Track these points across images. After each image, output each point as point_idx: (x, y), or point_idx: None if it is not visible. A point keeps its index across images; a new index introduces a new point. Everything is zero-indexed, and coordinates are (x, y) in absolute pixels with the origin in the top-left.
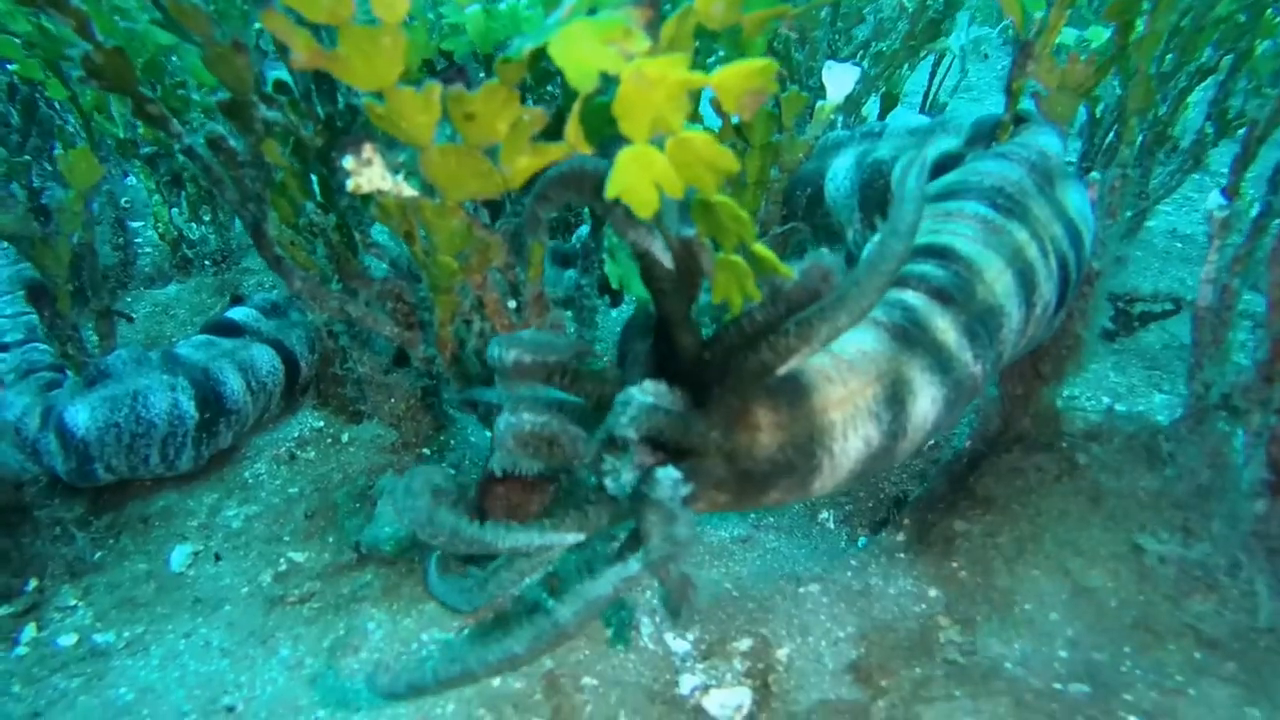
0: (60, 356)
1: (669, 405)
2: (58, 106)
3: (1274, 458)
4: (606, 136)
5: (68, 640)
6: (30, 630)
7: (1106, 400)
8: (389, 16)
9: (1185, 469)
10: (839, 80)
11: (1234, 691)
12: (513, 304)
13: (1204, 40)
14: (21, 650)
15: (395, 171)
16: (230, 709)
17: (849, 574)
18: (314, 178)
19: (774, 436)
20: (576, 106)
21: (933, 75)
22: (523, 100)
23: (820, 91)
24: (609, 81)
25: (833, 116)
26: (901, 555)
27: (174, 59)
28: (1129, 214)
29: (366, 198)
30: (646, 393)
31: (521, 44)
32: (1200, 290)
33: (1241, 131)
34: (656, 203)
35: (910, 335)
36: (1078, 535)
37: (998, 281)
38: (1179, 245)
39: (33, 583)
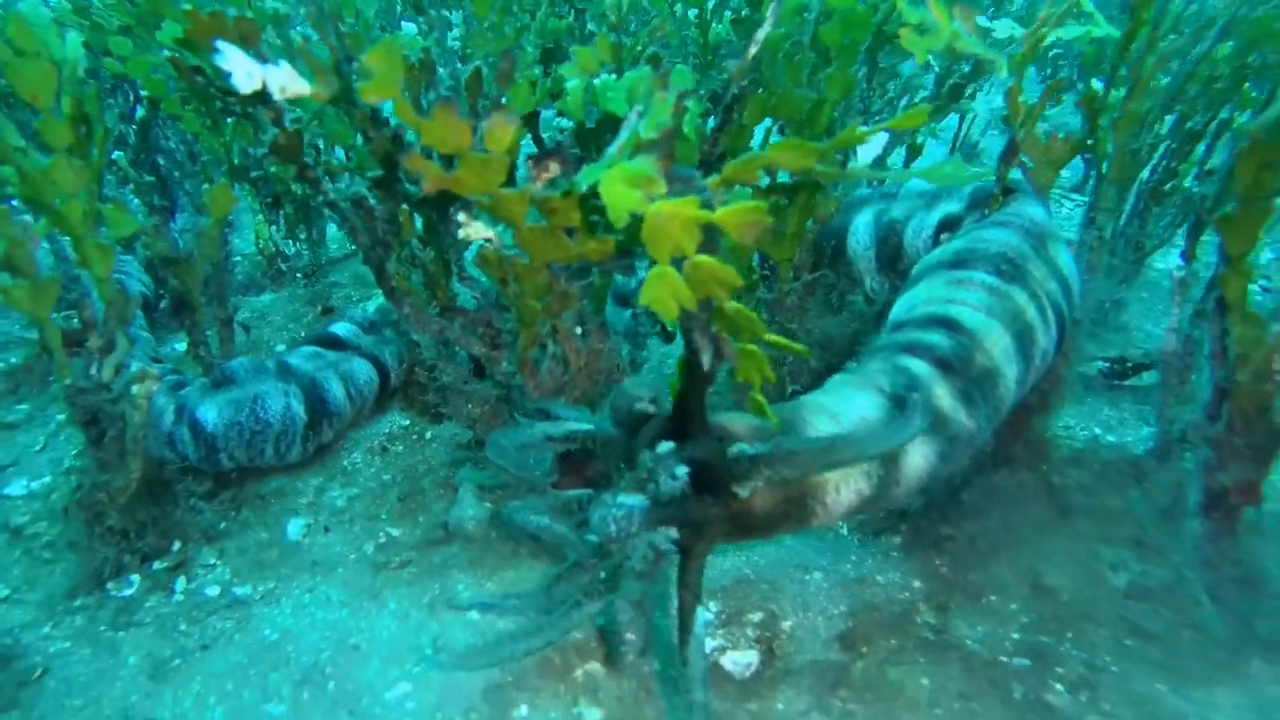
0: (193, 357)
1: (666, 496)
2: (165, 130)
3: (1208, 485)
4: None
5: (213, 591)
6: (181, 582)
7: (1098, 430)
8: (498, 147)
9: (1150, 493)
10: (868, 146)
11: (1151, 671)
12: (579, 330)
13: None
14: (179, 597)
15: (496, 224)
16: (356, 647)
17: (848, 566)
18: (419, 218)
19: (768, 499)
20: None
21: (962, 118)
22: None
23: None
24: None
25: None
26: (895, 554)
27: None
28: (1128, 261)
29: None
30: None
31: (581, 181)
32: (1165, 339)
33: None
34: (676, 311)
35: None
36: (1045, 543)
37: (996, 347)
38: None
39: (176, 544)
